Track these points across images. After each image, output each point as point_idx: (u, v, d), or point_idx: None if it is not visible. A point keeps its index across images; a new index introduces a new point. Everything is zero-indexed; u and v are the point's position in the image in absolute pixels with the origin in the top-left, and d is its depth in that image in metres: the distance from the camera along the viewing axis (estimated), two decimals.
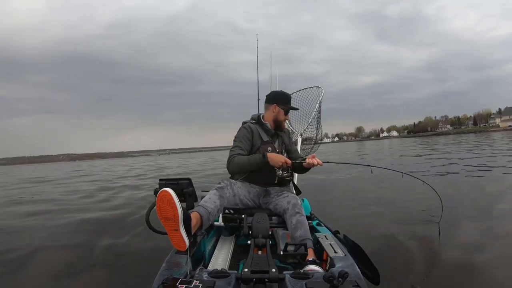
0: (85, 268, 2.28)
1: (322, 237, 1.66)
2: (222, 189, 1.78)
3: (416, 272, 1.97)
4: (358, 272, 1.23)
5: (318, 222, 2.08)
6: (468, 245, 2.38)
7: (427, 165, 7.82)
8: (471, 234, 2.62)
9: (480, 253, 2.22)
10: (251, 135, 2.01)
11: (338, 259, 1.36)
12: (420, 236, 2.56)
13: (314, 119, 2.66)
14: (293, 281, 1.11)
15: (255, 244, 1.49)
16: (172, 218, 1.26)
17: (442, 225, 2.65)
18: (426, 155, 11.94)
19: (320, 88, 2.67)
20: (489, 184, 4.77)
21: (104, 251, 2.59)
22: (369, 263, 1.42)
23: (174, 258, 1.33)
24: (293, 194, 1.95)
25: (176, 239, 1.31)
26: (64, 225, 3.57)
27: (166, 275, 1.17)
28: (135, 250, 2.54)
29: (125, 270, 2.20)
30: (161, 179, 1.55)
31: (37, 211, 4.65)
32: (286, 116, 2.08)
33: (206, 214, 1.57)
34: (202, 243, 1.64)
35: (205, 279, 1.11)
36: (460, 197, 3.97)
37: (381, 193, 4.61)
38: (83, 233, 3.16)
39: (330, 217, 2.81)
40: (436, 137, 56.37)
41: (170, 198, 1.24)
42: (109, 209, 4.51)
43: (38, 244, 2.84)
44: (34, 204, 5.50)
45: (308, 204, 2.46)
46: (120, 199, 5.35)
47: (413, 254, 2.25)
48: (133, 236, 2.95)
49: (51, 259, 2.55)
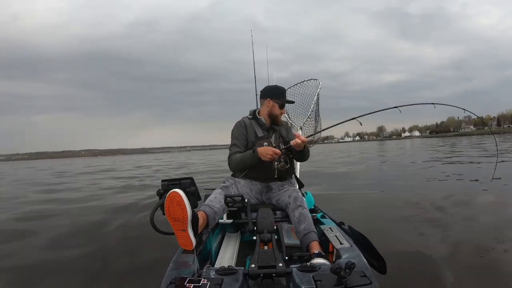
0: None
1: (327, 229, 1.67)
2: (227, 188, 1.80)
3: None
4: (365, 263, 1.23)
5: (322, 214, 2.08)
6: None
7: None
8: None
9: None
10: (245, 130, 2.02)
11: (344, 250, 1.37)
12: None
13: (313, 111, 2.64)
14: (301, 274, 1.12)
15: (261, 239, 1.49)
16: (181, 219, 1.26)
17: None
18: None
19: (317, 80, 2.65)
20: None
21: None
22: (375, 252, 1.42)
23: (181, 257, 1.33)
24: (294, 188, 1.95)
25: (183, 239, 1.31)
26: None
27: (173, 275, 1.17)
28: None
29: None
30: (164, 179, 1.55)
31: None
32: (282, 110, 2.05)
33: (212, 213, 1.58)
34: (208, 241, 1.65)
35: (213, 277, 1.12)
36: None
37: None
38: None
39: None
40: (459, 137, 55.06)
41: (180, 199, 1.24)
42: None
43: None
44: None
45: (311, 197, 2.46)
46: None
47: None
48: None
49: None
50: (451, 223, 2.88)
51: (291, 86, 2.80)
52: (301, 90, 2.76)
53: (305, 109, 2.71)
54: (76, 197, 5.94)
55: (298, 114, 2.87)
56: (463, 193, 4.25)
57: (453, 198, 3.99)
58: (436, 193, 4.35)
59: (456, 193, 4.28)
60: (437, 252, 2.16)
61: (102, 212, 4.20)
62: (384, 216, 3.30)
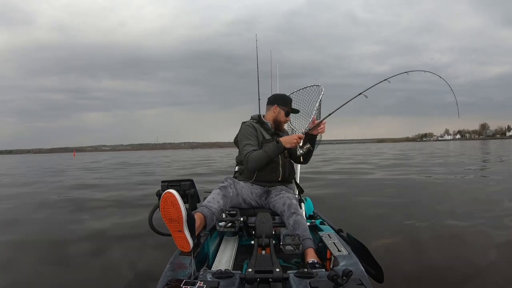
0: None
1: (325, 236, 1.66)
2: (226, 188, 1.78)
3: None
4: (362, 270, 1.23)
5: (321, 221, 2.08)
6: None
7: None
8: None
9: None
10: (255, 131, 2.03)
11: (341, 257, 1.36)
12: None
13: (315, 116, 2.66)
14: (297, 280, 1.11)
15: (259, 244, 1.49)
16: (176, 219, 1.26)
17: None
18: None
19: (320, 86, 2.66)
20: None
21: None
22: (373, 261, 1.41)
23: (177, 259, 1.33)
24: (289, 194, 1.94)
25: (180, 240, 1.31)
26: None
27: (170, 276, 1.17)
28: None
29: None
30: (163, 181, 1.56)
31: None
32: (286, 118, 2.11)
33: (210, 214, 1.57)
34: (205, 244, 1.65)
35: (209, 280, 1.11)
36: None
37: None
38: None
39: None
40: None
41: (174, 199, 1.24)
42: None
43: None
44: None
45: (311, 203, 2.45)
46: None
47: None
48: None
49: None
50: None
51: (293, 91, 2.81)
52: (303, 96, 2.78)
53: (307, 115, 2.72)
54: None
55: (299, 120, 2.89)
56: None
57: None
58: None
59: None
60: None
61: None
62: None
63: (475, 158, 14.18)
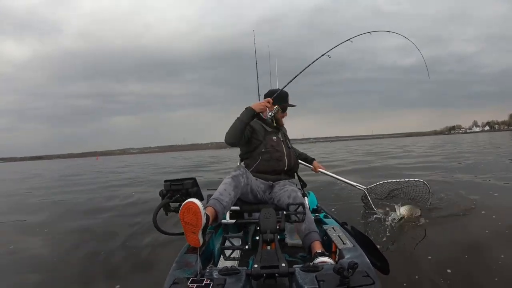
0: None
1: (330, 229, 1.67)
2: (237, 178, 1.76)
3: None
4: (368, 262, 1.23)
5: (325, 214, 2.08)
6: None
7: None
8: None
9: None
10: (254, 123, 2.05)
11: (347, 250, 1.36)
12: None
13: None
14: (303, 274, 1.11)
15: (264, 239, 1.49)
16: (194, 224, 1.31)
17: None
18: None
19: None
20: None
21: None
22: (378, 253, 1.42)
23: (184, 258, 1.34)
24: (293, 188, 1.95)
25: (192, 238, 1.35)
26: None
27: (176, 275, 1.18)
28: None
29: None
30: (166, 180, 1.56)
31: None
32: (284, 113, 2.16)
33: (221, 209, 1.58)
34: (210, 242, 1.65)
35: (216, 277, 1.12)
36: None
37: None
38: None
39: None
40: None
41: (196, 209, 1.29)
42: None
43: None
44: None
45: (314, 197, 2.46)
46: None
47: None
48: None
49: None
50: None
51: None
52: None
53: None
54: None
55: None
56: None
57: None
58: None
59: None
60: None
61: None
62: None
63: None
